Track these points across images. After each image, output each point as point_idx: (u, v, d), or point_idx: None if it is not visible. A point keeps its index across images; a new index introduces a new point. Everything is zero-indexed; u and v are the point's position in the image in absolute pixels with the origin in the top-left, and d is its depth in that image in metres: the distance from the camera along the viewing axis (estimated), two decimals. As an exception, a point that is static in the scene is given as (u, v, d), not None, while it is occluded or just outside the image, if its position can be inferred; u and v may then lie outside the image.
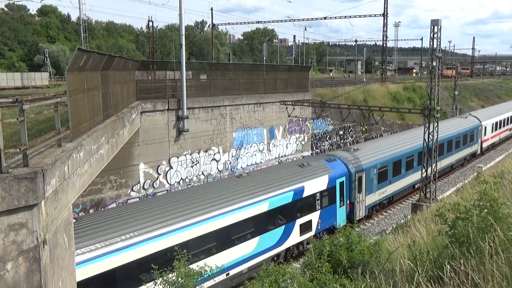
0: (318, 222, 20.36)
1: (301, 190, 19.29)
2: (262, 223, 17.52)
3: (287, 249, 19.06)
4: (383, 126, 42.30)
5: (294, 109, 28.36)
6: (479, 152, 39.85)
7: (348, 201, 22.32)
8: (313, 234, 19.95)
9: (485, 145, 41.25)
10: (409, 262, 7.49)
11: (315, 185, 20.05)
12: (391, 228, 20.56)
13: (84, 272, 11.57)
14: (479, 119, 39.91)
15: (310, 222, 19.82)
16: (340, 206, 21.73)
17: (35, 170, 6.25)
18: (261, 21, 75.59)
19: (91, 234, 12.58)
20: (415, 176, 27.39)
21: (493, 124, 42.81)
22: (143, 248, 13.26)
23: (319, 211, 20.39)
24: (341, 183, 21.62)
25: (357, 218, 22.71)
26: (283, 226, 18.54)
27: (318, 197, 20.24)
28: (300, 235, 19.37)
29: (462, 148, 35.61)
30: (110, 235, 12.84)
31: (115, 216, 14.12)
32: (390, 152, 25.87)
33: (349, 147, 25.96)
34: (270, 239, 17.95)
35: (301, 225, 19.32)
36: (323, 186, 20.50)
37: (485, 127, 40.65)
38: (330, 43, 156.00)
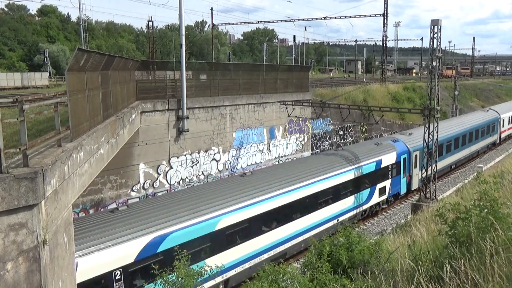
0: (389, 188, 25.49)
1: (380, 162, 24.32)
2: (358, 184, 22.71)
3: (370, 207, 24.19)
4: (383, 126, 42.29)
5: (294, 109, 28.36)
6: (498, 141, 44.57)
7: (408, 174, 27.25)
8: (386, 197, 25.29)
9: (503, 135, 45.91)
10: (409, 262, 7.49)
11: (388, 159, 25.08)
12: (391, 228, 20.56)
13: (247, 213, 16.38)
14: (498, 113, 44.24)
15: (385, 187, 25.02)
16: (403, 177, 26.73)
17: (35, 170, 6.25)
18: (261, 21, 75.64)
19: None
20: (452, 158, 33.56)
21: (509, 117, 47.36)
22: (301, 192, 18.95)
23: (390, 179, 25.47)
24: (404, 159, 26.57)
25: (413, 188, 27.87)
26: (369, 188, 23.75)
27: (390, 169, 25.24)
28: (379, 197, 24.67)
29: (486, 137, 40.79)
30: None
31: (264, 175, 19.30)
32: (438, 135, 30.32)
33: (405, 132, 31.58)
34: (362, 197, 23.23)
35: (379, 189, 24.56)
36: (393, 160, 25.51)
37: (503, 120, 45.28)
38: (330, 43, 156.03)
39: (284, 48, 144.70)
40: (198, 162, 25.00)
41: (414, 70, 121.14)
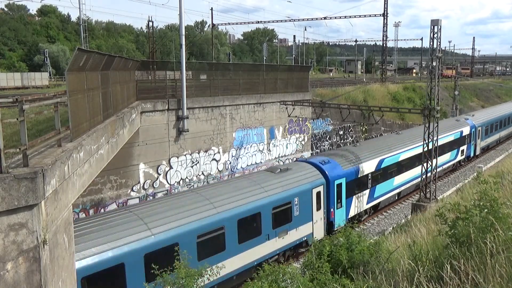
0: (465, 151, 36.66)
1: (462, 132, 35.38)
2: (453, 144, 33.61)
3: (458, 161, 35.65)
4: (383, 126, 42.29)
5: (294, 109, 28.35)
6: None
7: (474, 143, 38.47)
8: (463, 157, 36.53)
9: None
10: (409, 262, 7.49)
11: (466, 131, 36.31)
12: (391, 228, 20.55)
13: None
14: None
15: (463, 150, 36.02)
16: (472, 145, 38.10)
17: (35, 170, 6.24)
18: (261, 21, 75.59)
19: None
20: (499, 135, 45.63)
21: None
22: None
23: (466, 145, 36.61)
24: (473, 131, 37.66)
25: (477, 154, 39.36)
26: (457, 149, 34.61)
27: (466, 137, 36.38)
28: (460, 156, 35.66)
29: None
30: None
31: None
32: (491, 116, 43.30)
33: (469, 113, 43.42)
34: (454, 153, 34.30)
35: (461, 150, 35.46)
36: (468, 132, 36.77)
37: None
38: (330, 43, 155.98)
39: (284, 48, 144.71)
40: (198, 162, 25.00)
41: (414, 70, 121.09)
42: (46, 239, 6.49)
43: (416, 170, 26.91)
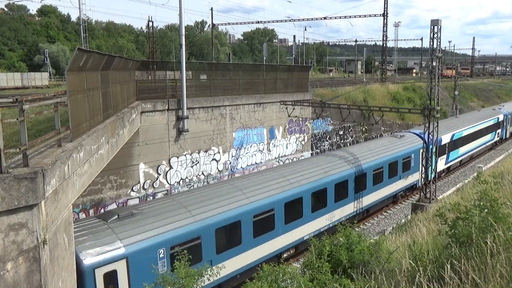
0: (500, 134, 45.13)
1: (498, 118, 43.54)
2: (491, 128, 41.88)
3: (494, 142, 44.53)
4: (383, 126, 42.28)
5: (294, 109, 28.34)
6: None
7: (505, 127, 47.19)
8: (498, 139, 45.30)
9: None
10: (410, 261, 7.48)
11: (500, 118, 44.70)
12: (391, 228, 20.55)
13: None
14: None
15: (499, 132, 44.76)
16: (504, 129, 46.57)
17: (35, 170, 6.24)
18: (261, 21, 75.57)
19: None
20: None
21: None
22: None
23: (500, 129, 44.92)
24: (505, 118, 46.33)
25: (507, 136, 48.00)
26: (494, 132, 42.98)
27: (501, 123, 44.92)
28: (496, 138, 43.80)
29: None
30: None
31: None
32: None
33: (501, 104, 56.92)
34: (492, 135, 42.81)
35: (497, 133, 43.93)
36: (502, 119, 45.28)
37: None
38: (330, 43, 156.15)
39: (284, 48, 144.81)
40: (198, 162, 24.99)
41: (414, 70, 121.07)
42: (46, 239, 6.49)
43: (471, 145, 36.75)
